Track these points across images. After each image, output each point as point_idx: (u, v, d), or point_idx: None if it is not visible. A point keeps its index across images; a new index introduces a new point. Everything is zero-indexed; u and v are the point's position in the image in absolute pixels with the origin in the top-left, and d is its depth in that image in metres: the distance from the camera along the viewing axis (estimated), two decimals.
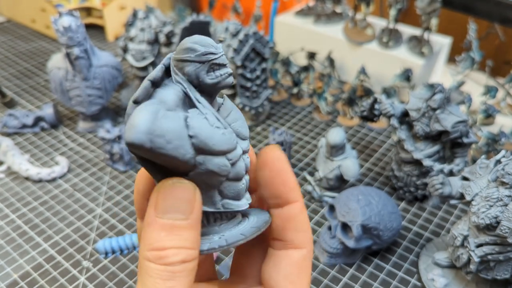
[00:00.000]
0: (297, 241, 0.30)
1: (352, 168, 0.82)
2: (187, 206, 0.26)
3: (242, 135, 0.29)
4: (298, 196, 0.30)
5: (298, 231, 0.30)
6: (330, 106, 1.13)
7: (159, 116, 0.24)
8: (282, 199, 0.30)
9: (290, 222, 0.30)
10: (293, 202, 0.30)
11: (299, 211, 0.30)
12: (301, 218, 0.30)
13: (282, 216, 0.30)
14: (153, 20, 1.08)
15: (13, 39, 1.47)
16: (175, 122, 0.25)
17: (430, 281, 0.72)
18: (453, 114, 0.78)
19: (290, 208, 0.30)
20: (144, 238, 0.26)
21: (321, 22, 1.29)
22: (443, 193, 0.67)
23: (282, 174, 0.29)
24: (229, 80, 0.27)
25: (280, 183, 0.30)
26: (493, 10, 1.22)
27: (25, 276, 0.73)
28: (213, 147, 0.26)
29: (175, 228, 0.26)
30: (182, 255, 0.25)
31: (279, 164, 0.29)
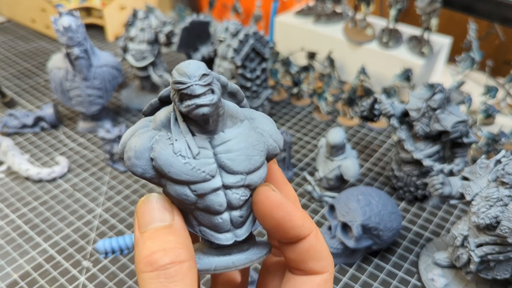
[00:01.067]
0: (317, 268, 0.29)
1: (352, 168, 0.82)
2: (164, 214, 0.27)
3: (229, 168, 0.27)
4: (310, 228, 0.29)
5: (317, 259, 0.29)
6: (330, 106, 1.13)
7: (136, 133, 0.28)
8: (295, 238, 0.28)
9: (308, 253, 0.29)
10: (307, 235, 0.28)
11: (314, 241, 0.29)
12: (318, 248, 0.29)
13: (297, 251, 0.29)
14: (153, 20, 1.08)
15: (13, 39, 1.47)
16: (142, 142, 0.27)
17: (430, 281, 0.72)
18: (453, 114, 0.78)
19: (305, 241, 0.28)
20: (136, 258, 0.26)
21: (321, 22, 1.29)
22: (443, 193, 0.67)
23: (288, 218, 0.28)
24: (197, 112, 0.26)
25: (288, 227, 0.28)
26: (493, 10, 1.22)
27: (25, 276, 0.73)
28: (168, 174, 0.27)
29: (158, 233, 0.26)
30: (170, 256, 0.25)
31: (282, 211, 0.28)
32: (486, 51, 1.11)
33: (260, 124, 0.29)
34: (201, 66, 0.26)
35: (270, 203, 0.28)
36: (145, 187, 0.91)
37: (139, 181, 0.92)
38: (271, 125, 0.30)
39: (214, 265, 0.28)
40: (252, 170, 0.28)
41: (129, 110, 1.14)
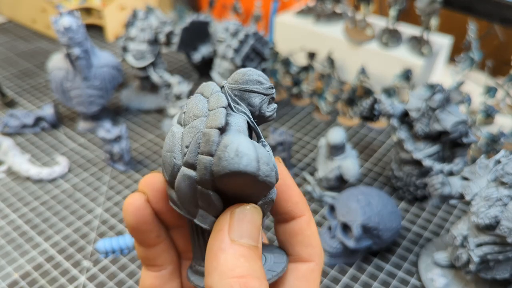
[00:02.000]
0: (304, 255, 0.29)
1: (352, 168, 0.83)
2: (258, 234, 0.25)
3: None
4: (304, 210, 0.29)
5: (304, 245, 0.29)
6: (330, 106, 1.13)
7: (255, 144, 0.24)
8: (287, 214, 0.29)
9: (296, 237, 0.29)
10: (299, 217, 0.29)
11: (305, 225, 0.29)
12: (308, 233, 0.29)
13: (287, 231, 0.29)
14: (153, 20, 1.08)
15: (14, 39, 1.47)
16: (265, 151, 0.25)
17: (430, 281, 0.72)
18: (452, 114, 0.78)
19: (296, 223, 0.29)
20: (220, 265, 0.24)
21: (321, 22, 1.29)
22: (442, 193, 0.68)
23: (285, 189, 0.28)
24: (275, 115, 0.28)
25: (284, 199, 0.28)
26: (493, 10, 1.22)
27: (26, 276, 0.73)
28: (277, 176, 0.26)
29: (251, 255, 0.24)
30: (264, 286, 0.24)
31: (282, 179, 0.28)
32: (485, 51, 1.11)
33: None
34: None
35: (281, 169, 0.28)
36: None
37: (139, 181, 0.92)
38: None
39: None
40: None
41: (129, 110, 1.14)
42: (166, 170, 0.26)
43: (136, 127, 1.08)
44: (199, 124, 0.25)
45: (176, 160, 0.25)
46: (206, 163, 0.24)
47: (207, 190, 0.25)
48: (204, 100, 0.26)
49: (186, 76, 1.26)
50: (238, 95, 0.27)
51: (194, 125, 0.25)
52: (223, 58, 1.00)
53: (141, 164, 0.97)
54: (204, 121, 0.25)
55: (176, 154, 0.25)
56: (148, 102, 1.15)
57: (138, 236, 0.28)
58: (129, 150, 0.94)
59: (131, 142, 1.03)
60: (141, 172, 0.95)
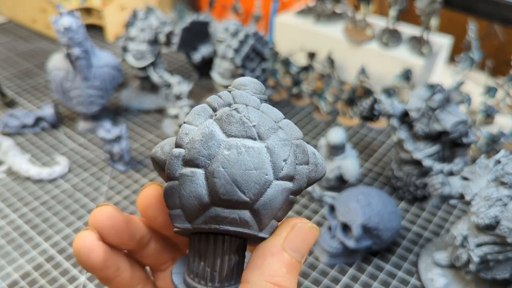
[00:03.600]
0: None
1: (352, 168, 0.83)
2: (306, 251, 0.26)
3: None
4: None
5: None
6: (330, 106, 1.13)
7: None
8: None
9: None
10: None
11: None
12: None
13: None
14: (153, 20, 1.08)
15: (13, 39, 1.47)
16: None
17: (430, 281, 0.72)
18: (452, 114, 0.78)
19: None
20: (265, 265, 0.25)
21: (321, 22, 1.29)
22: (442, 193, 0.68)
23: None
24: None
25: None
26: (493, 10, 1.22)
27: (26, 276, 0.73)
28: None
29: (295, 269, 0.26)
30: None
31: None
32: (485, 51, 1.11)
33: None
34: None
35: None
36: None
37: (139, 181, 0.92)
38: None
39: None
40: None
41: (129, 110, 1.14)
42: (248, 189, 0.25)
43: (136, 127, 1.08)
44: (285, 137, 0.26)
45: (268, 176, 0.25)
46: (306, 172, 0.26)
47: (295, 197, 0.27)
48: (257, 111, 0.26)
49: (186, 76, 1.26)
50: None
51: (282, 137, 0.26)
52: (223, 58, 1.00)
53: (141, 164, 0.97)
54: (283, 133, 0.26)
55: (267, 170, 0.25)
56: (148, 102, 1.15)
57: (96, 274, 0.28)
58: (129, 150, 0.94)
59: (131, 142, 1.03)
60: (141, 172, 0.95)
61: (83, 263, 0.27)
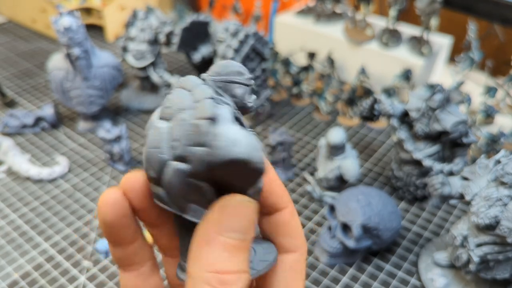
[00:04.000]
0: (289, 246, 0.29)
1: (352, 168, 0.83)
2: (249, 227, 0.25)
3: None
4: (287, 202, 0.29)
5: (289, 236, 0.29)
6: (330, 106, 1.13)
7: (246, 132, 0.25)
8: (272, 207, 0.29)
9: (280, 228, 0.29)
10: (282, 209, 0.29)
11: (289, 217, 0.29)
12: (292, 224, 0.29)
13: (271, 223, 0.29)
14: (153, 20, 1.08)
15: (13, 39, 1.47)
16: (255, 138, 0.25)
17: (430, 281, 0.72)
18: (452, 114, 0.78)
19: (280, 215, 0.29)
20: (202, 257, 0.24)
21: (321, 22, 1.29)
22: (442, 193, 0.68)
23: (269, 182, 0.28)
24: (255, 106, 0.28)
25: (268, 191, 0.28)
26: (493, 10, 1.22)
27: (26, 276, 0.73)
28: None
29: (237, 249, 0.24)
30: (242, 282, 0.24)
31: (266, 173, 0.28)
32: (485, 51, 1.11)
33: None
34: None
35: None
36: None
37: None
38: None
39: None
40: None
41: (129, 110, 1.14)
42: (152, 167, 0.26)
43: (136, 127, 1.08)
44: (187, 117, 0.25)
45: (164, 155, 0.25)
46: (201, 154, 0.24)
47: (200, 182, 0.25)
48: (187, 93, 0.26)
49: None
50: (221, 87, 0.27)
51: (182, 117, 0.25)
52: (223, 58, 1.00)
53: (141, 164, 0.97)
54: (191, 113, 0.25)
55: (164, 149, 0.25)
56: (148, 102, 1.15)
57: (114, 233, 0.28)
58: (129, 150, 0.94)
59: (131, 142, 1.03)
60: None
61: (107, 216, 0.27)
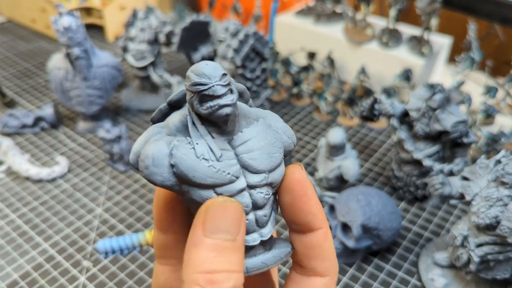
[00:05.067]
0: (319, 269, 0.29)
1: (352, 168, 0.82)
2: (235, 227, 0.25)
3: (252, 167, 0.27)
4: (322, 223, 0.28)
5: (321, 259, 0.29)
6: (330, 106, 1.13)
7: (150, 140, 0.27)
8: (305, 226, 0.28)
9: (313, 250, 0.28)
10: (316, 230, 0.28)
11: (322, 239, 0.28)
12: (325, 247, 0.29)
13: (304, 244, 0.29)
14: (153, 20, 1.08)
15: (13, 39, 1.47)
16: (160, 149, 0.26)
17: (430, 281, 0.72)
18: (453, 114, 0.78)
19: (313, 236, 0.28)
20: (191, 259, 0.24)
21: (321, 22, 1.29)
22: (443, 193, 0.67)
23: (304, 200, 0.28)
24: (221, 112, 0.25)
25: (302, 209, 0.28)
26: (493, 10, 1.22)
27: (26, 276, 0.73)
28: (193, 179, 0.26)
29: (224, 249, 0.24)
30: (233, 281, 0.24)
31: (301, 189, 0.28)
32: (486, 51, 1.11)
33: (272, 121, 0.29)
34: (219, 66, 0.26)
35: (294, 177, 0.28)
36: (145, 187, 0.91)
37: (139, 181, 0.92)
38: (282, 122, 0.30)
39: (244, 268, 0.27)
40: (273, 168, 0.28)
41: (129, 110, 1.14)
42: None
43: (136, 127, 1.08)
44: None
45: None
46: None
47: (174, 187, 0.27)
48: None
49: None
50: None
51: None
52: (223, 58, 1.00)
53: None
54: None
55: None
56: (148, 102, 1.15)
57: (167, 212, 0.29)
58: (129, 150, 0.93)
59: (131, 142, 1.03)
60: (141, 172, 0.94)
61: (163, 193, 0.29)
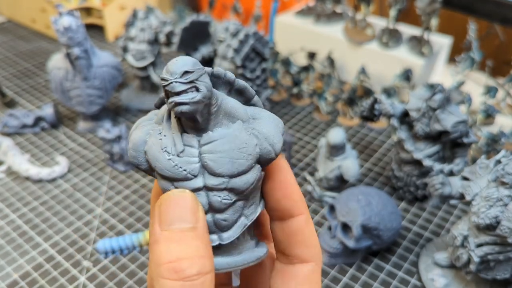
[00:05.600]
0: (303, 255, 0.28)
1: (352, 168, 0.82)
2: (192, 215, 0.25)
3: (211, 169, 0.26)
4: (303, 209, 0.28)
5: (304, 246, 0.28)
6: (330, 106, 1.13)
7: (139, 125, 0.29)
8: (285, 212, 0.28)
9: (295, 236, 0.28)
10: (297, 216, 0.28)
11: (304, 224, 0.28)
12: (306, 232, 0.28)
13: (285, 230, 0.28)
14: (153, 20, 1.08)
15: (13, 39, 1.47)
16: (140, 135, 0.28)
17: (430, 281, 0.72)
18: (453, 114, 0.78)
19: (294, 221, 0.28)
20: (154, 256, 0.24)
21: (321, 22, 1.29)
22: (443, 193, 0.67)
23: (285, 185, 0.28)
24: (176, 110, 0.25)
25: (283, 195, 0.28)
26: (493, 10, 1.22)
27: (26, 276, 0.73)
28: (155, 168, 0.27)
29: (184, 237, 0.24)
30: (198, 266, 0.24)
31: (282, 174, 0.28)
32: (486, 51, 1.11)
33: (259, 125, 0.28)
34: (188, 62, 0.26)
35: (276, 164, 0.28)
36: (145, 187, 0.91)
37: (139, 181, 0.92)
38: (272, 127, 0.28)
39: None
40: (235, 174, 0.27)
41: (129, 110, 1.14)
42: None
43: None
44: None
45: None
46: None
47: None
48: None
49: None
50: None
51: None
52: (223, 58, 1.00)
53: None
54: None
55: None
56: (148, 102, 1.15)
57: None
58: None
59: None
60: (141, 172, 0.95)
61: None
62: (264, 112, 0.29)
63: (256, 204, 0.29)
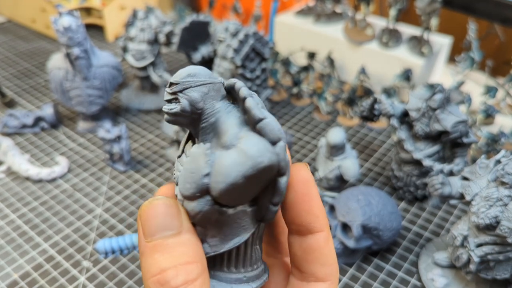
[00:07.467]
0: (319, 274, 0.27)
1: (352, 168, 0.82)
2: (172, 220, 0.24)
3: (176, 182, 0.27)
4: (324, 226, 0.27)
5: (320, 264, 0.27)
6: (330, 106, 1.13)
7: None
8: (305, 227, 0.27)
9: (312, 254, 0.27)
10: (317, 232, 0.27)
11: (323, 242, 0.27)
12: (325, 251, 0.27)
13: (303, 246, 0.27)
14: (153, 20, 1.08)
15: (13, 39, 1.47)
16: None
17: (430, 281, 0.72)
18: (453, 114, 0.78)
19: (313, 238, 0.27)
20: (143, 269, 0.24)
21: (321, 22, 1.29)
22: (443, 193, 0.67)
23: (307, 199, 0.26)
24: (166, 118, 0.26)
25: (304, 209, 0.26)
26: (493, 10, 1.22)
27: (25, 276, 0.73)
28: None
29: (167, 246, 0.24)
30: (183, 275, 0.23)
31: (305, 187, 0.26)
32: (486, 51, 1.11)
33: (223, 156, 0.24)
34: (180, 73, 0.25)
35: (299, 174, 0.26)
36: (144, 187, 0.91)
37: (139, 181, 0.92)
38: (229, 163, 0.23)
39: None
40: (186, 196, 0.25)
41: (129, 110, 1.14)
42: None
43: (136, 127, 1.08)
44: None
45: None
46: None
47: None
48: None
49: None
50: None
51: None
52: (223, 58, 1.00)
53: (141, 164, 0.97)
54: None
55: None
56: (148, 102, 1.15)
57: None
58: (129, 150, 0.93)
59: (131, 142, 1.03)
60: (141, 172, 0.95)
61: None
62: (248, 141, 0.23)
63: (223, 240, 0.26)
